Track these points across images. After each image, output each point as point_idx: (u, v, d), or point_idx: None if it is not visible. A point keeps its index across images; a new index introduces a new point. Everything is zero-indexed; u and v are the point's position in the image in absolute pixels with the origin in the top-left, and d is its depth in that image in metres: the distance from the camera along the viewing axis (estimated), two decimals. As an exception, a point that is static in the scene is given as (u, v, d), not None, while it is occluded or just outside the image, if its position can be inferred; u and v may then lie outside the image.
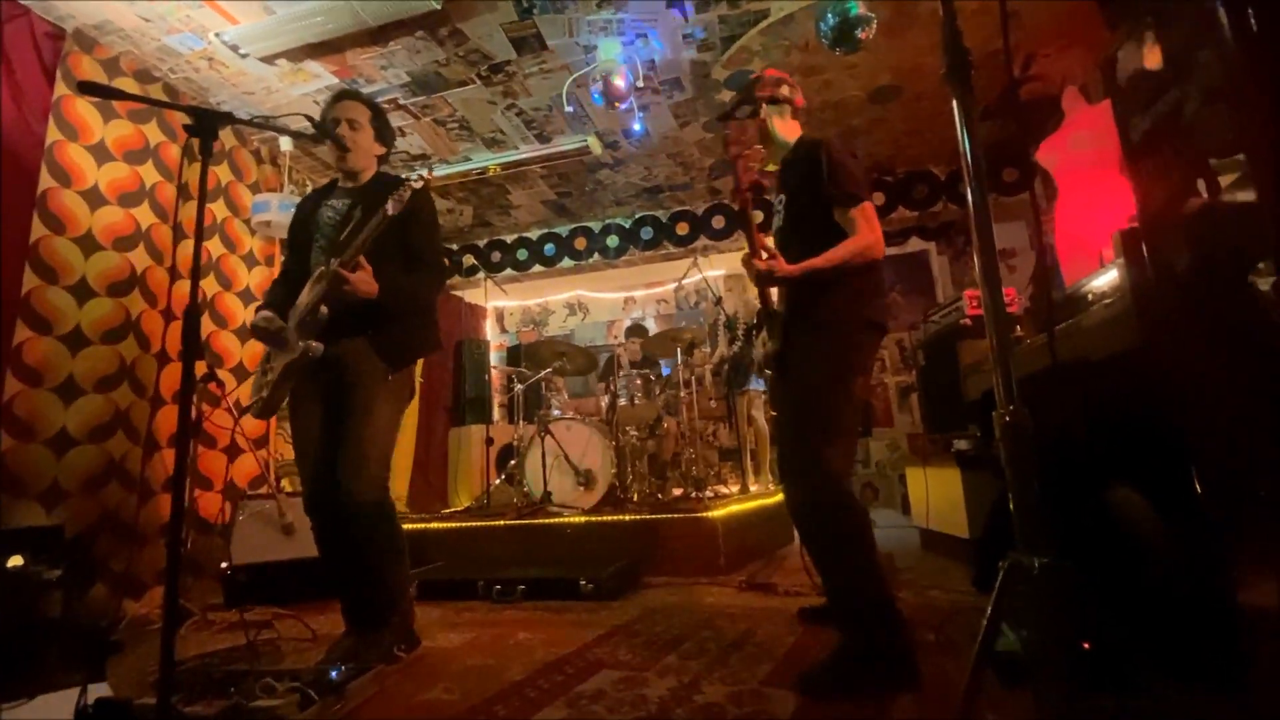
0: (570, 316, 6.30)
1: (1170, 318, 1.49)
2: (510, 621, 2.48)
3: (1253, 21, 0.85)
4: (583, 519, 3.41)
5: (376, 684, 1.72)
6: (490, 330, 6.39)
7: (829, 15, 2.78)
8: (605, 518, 3.37)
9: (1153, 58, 1.01)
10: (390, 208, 1.86)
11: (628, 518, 3.33)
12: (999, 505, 2.48)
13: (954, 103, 0.91)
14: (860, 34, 2.77)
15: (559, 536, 3.39)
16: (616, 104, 3.16)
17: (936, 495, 3.50)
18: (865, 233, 1.71)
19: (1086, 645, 1.60)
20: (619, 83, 3.08)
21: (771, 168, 2.02)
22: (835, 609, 1.76)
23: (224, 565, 2.86)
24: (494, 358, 6.05)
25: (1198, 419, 1.52)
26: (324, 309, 1.96)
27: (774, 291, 1.96)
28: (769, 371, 1.93)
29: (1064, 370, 2.06)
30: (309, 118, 1.92)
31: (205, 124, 1.40)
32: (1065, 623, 0.93)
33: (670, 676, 1.72)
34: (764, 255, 1.79)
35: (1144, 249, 1.37)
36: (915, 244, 5.06)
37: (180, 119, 3.31)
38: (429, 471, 5.33)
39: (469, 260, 5.53)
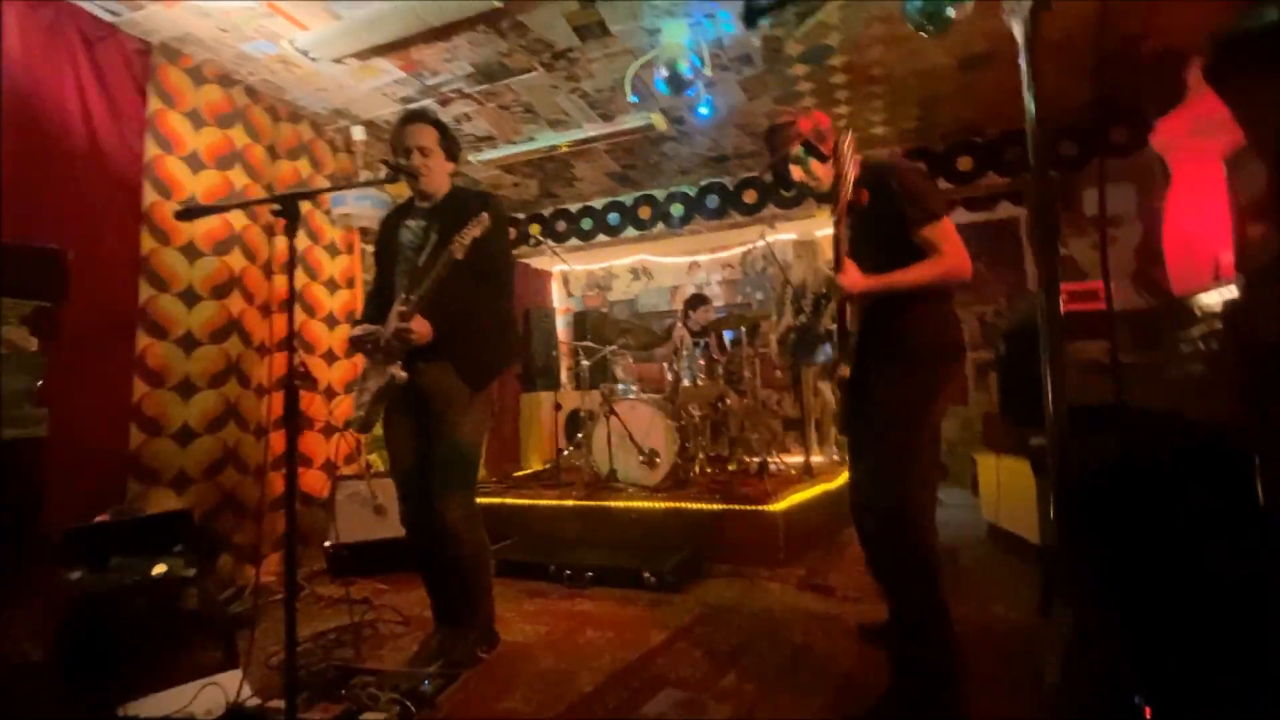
0: (634, 281, 6.29)
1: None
2: (579, 614, 2.67)
3: None
4: (647, 505, 3.53)
5: (463, 691, 1.93)
6: (556, 294, 6.49)
7: (917, -10, 2.54)
8: (668, 504, 3.48)
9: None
10: (456, 251, 1.91)
11: (690, 506, 3.43)
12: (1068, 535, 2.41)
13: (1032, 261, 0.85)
14: (952, 12, 2.52)
15: (624, 520, 3.55)
16: (682, 92, 3.04)
17: (1008, 489, 3.41)
18: (950, 253, 1.64)
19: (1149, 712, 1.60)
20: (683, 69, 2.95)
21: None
22: (896, 645, 1.76)
23: (326, 544, 3.20)
24: (560, 322, 6.18)
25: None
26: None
27: (849, 310, 1.86)
28: (838, 393, 1.89)
29: (1155, 421, 1.94)
30: (385, 162, 1.98)
31: (290, 208, 1.48)
32: None
33: (728, 702, 1.83)
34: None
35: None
36: (1005, 210, 4.69)
37: (261, 118, 3.44)
38: (502, 435, 5.62)
39: (535, 229, 5.57)
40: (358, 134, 3.86)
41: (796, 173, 1.88)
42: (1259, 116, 1.21)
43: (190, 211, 1.35)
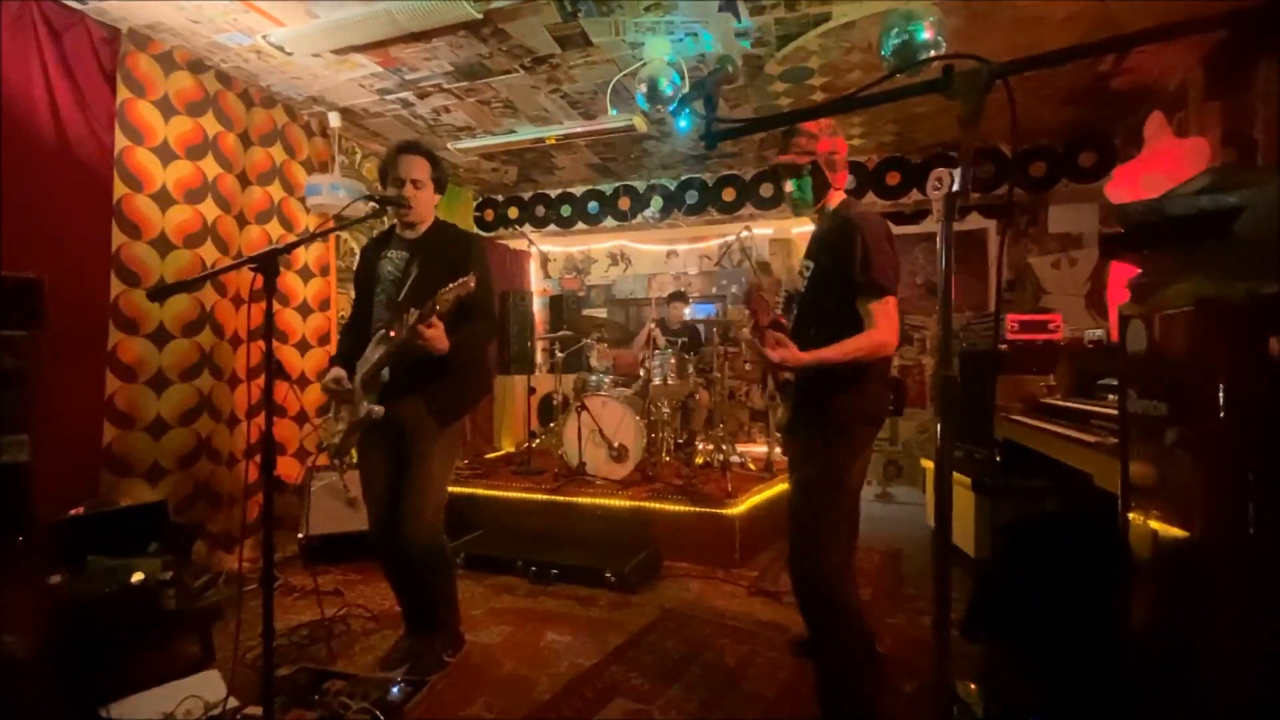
0: (612, 266, 6.33)
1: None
2: (542, 614, 2.84)
3: None
4: (611, 502, 3.68)
5: (429, 698, 2.08)
6: (534, 274, 6.49)
7: (893, 32, 2.58)
8: (632, 503, 3.64)
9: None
10: (439, 305, 1.94)
11: (652, 506, 3.59)
12: (996, 565, 2.62)
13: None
14: (922, 58, 2.57)
15: (591, 516, 3.70)
16: (662, 106, 3.06)
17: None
18: (882, 330, 1.69)
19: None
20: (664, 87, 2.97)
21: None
22: (822, 690, 1.83)
23: (300, 535, 3.30)
24: (538, 303, 6.20)
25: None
26: (385, 371, 2.15)
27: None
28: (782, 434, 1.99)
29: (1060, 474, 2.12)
30: (372, 196, 2.01)
31: (269, 265, 1.53)
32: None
33: (673, 712, 2.02)
34: (774, 344, 1.73)
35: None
36: (974, 221, 4.82)
37: (234, 105, 3.38)
38: (476, 415, 5.70)
39: (513, 212, 5.55)
40: (334, 120, 3.80)
41: (789, 185, 1.88)
42: (1147, 291, 1.33)
43: (162, 291, 1.39)
